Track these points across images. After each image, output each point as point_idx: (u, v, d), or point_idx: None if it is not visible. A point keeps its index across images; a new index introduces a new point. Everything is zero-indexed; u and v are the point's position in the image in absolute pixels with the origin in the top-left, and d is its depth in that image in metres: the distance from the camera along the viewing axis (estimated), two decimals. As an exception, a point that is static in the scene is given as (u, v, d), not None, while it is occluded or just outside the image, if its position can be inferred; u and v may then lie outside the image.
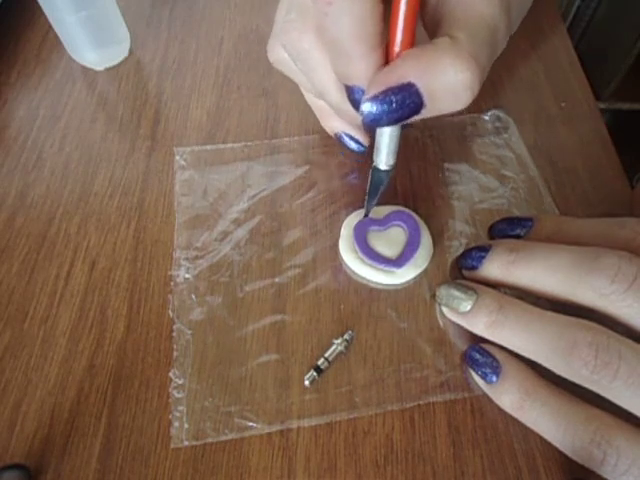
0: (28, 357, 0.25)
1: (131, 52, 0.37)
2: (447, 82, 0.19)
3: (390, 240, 0.27)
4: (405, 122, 0.21)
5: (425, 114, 0.20)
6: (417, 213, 0.28)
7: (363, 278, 0.27)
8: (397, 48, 0.21)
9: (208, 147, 0.32)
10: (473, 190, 0.30)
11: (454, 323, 0.25)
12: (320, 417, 0.23)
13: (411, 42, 0.20)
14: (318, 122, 0.33)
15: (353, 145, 0.28)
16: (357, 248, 0.27)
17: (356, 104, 0.22)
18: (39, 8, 0.34)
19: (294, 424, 0.23)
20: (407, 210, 0.28)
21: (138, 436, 0.23)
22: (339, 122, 0.28)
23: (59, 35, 0.35)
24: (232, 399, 0.24)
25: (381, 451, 0.23)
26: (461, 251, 0.27)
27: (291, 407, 0.23)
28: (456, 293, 0.24)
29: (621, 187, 0.30)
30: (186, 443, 0.23)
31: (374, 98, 0.20)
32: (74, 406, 0.24)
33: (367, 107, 0.20)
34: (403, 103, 0.20)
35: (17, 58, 0.37)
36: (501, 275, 0.24)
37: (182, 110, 0.34)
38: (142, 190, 0.31)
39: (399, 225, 0.28)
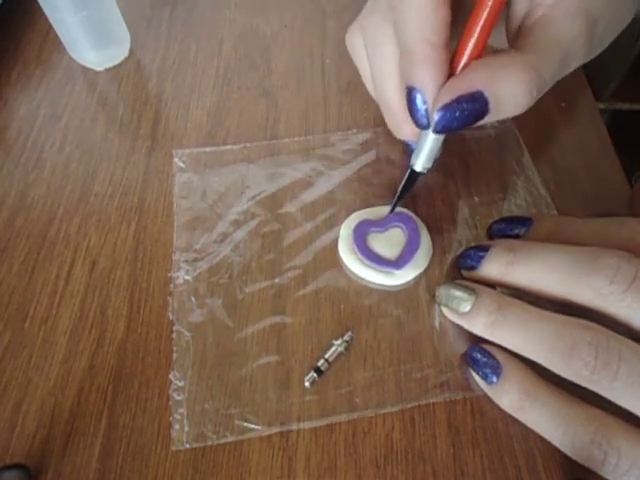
0: (28, 357, 0.25)
1: (131, 52, 0.37)
2: (511, 91, 0.21)
3: (390, 241, 0.27)
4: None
5: (487, 119, 0.21)
6: (416, 214, 0.28)
7: (363, 279, 0.27)
8: (465, 57, 0.21)
9: (207, 149, 0.32)
10: (472, 190, 0.30)
11: (454, 323, 0.25)
12: (320, 419, 0.23)
13: (481, 52, 0.21)
14: (318, 122, 0.33)
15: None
16: (356, 249, 0.27)
17: (412, 107, 0.22)
18: (39, 8, 0.34)
19: (294, 426, 0.23)
20: (406, 211, 0.28)
21: (138, 436, 0.23)
22: (409, 128, 0.26)
23: (59, 35, 0.35)
24: (232, 401, 0.24)
25: (381, 451, 0.23)
26: (460, 251, 0.27)
27: (291, 408, 0.23)
28: (455, 293, 0.24)
29: (620, 187, 0.30)
30: (187, 446, 0.23)
31: (447, 106, 0.21)
32: (74, 406, 0.24)
33: (440, 114, 0.21)
34: (472, 110, 0.21)
35: (17, 58, 0.38)
36: (500, 275, 0.24)
37: (182, 110, 0.34)
38: (142, 190, 0.31)
39: (398, 226, 0.28)
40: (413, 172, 0.26)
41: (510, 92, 0.21)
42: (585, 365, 0.20)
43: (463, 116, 0.21)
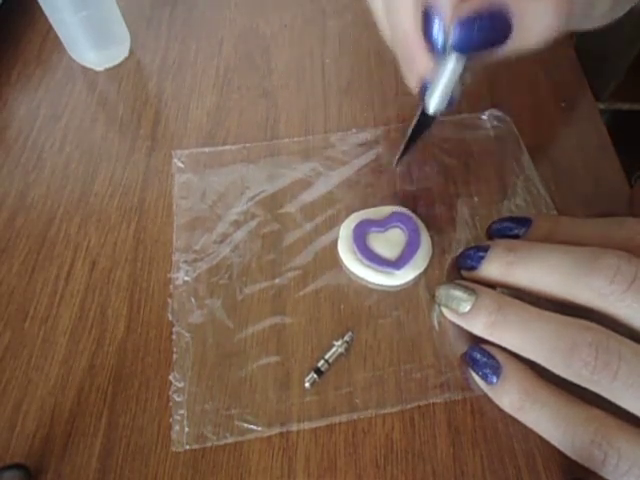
0: (28, 357, 0.25)
1: (131, 52, 0.37)
2: (538, 10, 0.19)
3: (389, 241, 0.27)
4: (486, 52, 0.20)
5: (509, 46, 0.20)
6: (416, 214, 0.28)
7: (362, 279, 0.27)
8: None
9: (206, 149, 0.32)
10: (472, 190, 0.30)
11: (454, 323, 0.25)
12: (320, 419, 0.23)
13: None
14: (318, 122, 0.33)
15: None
16: (356, 249, 0.27)
17: (428, 28, 0.20)
18: (39, 9, 0.34)
19: (294, 427, 0.23)
20: (406, 211, 0.28)
21: (138, 436, 0.23)
22: (425, 61, 0.23)
23: (59, 35, 0.35)
24: (232, 402, 0.24)
25: (381, 451, 0.23)
26: (460, 252, 0.27)
27: (291, 409, 0.23)
28: (455, 294, 0.24)
29: (620, 187, 0.30)
30: (187, 447, 0.23)
31: (465, 21, 0.19)
32: (74, 406, 0.24)
33: (456, 29, 0.19)
34: (493, 28, 0.19)
35: (17, 59, 0.38)
36: (500, 275, 0.24)
37: (182, 110, 0.34)
38: (142, 190, 0.31)
39: (398, 226, 0.28)
40: (425, 116, 0.24)
41: (538, 14, 0.19)
42: (585, 365, 0.20)
43: (482, 34, 0.19)
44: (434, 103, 0.23)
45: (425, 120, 0.24)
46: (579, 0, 0.20)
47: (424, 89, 0.24)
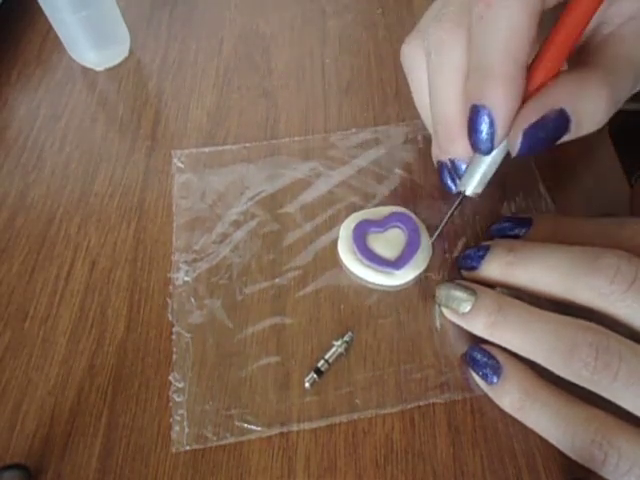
0: (28, 357, 0.25)
1: (131, 52, 0.37)
2: (592, 108, 0.20)
3: (389, 241, 0.27)
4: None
5: (564, 139, 0.21)
6: (416, 214, 0.28)
7: (362, 279, 0.27)
8: (543, 74, 0.20)
9: (206, 149, 0.32)
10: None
11: (454, 324, 0.25)
12: (320, 419, 0.23)
13: (559, 70, 0.20)
14: (318, 122, 0.33)
15: (450, 183, 0.26)
16: (356, 250, 0.27)
17: (476, 127, 0.21)
18: (39, 8, 0.34)
19: (294, 427, 0.23)
20: (406, 211, 0.28)
21: (138, 436, 0.23)
22: (463, 146, 0.23)
23: (59, 35, 0.35)
24: (232, 402, 0.24)
25: (381, 451, 0.23)
26: (460, 251, 0.27)
27: (291, 409, 0.23)
28: (455, 294, 0.24)
29: (621, 187, 0.30)
30: (187, 447, 0.23)
31: (532, 126, 0.20)
32: (74, 406, 0.24)
33: (525, 136, 0.20)
34: (555, 129, 0.20)
35: (17, 58, 0.38)
36: (500, 275, 0.24)
37: (182, 110, 0.34)
38: (142, 190, 0.31)
39: (398, 226, 0.28)
40: (462, 195, 0.24)
41: (591, 109, 0.20)
42: (585, 366, 0.20)
43: (547, 136, 0.20)
44: (472, 186, 0.23)
45: (462, 199, 0.25)
46: (626, 88, 0.21)
47: (456, 165, 0.25)
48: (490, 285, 0.24)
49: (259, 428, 0.23)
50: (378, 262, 0.26)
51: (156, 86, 0.36)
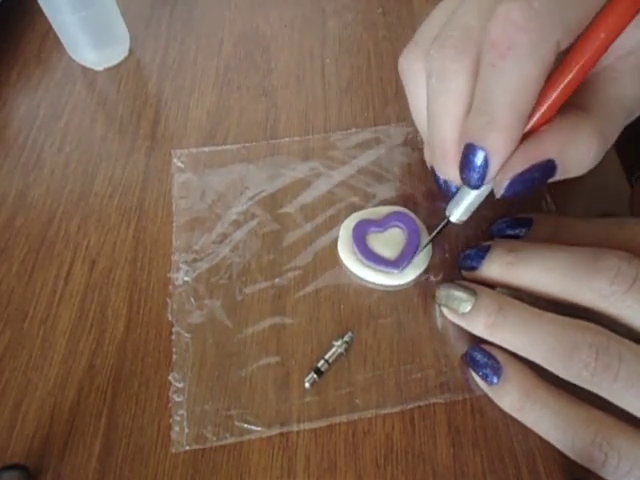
0: (28, 357, 0.25)
1: (131, 52, 0.37)
2: (580, 157, 0.20)
3: (389, 241, 0.27)
4: None
5: (548, 181, 0.21)
6: (416, 214, 0.28)
7: (362, 279, 0.27)
8: (540, 119, 0.20)
9: (206, 149, 0.32)
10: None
11: (454, 324, 0.25)
12: (320, 419, 0.23)
13: (555, 114, 0.20)
14: (318, 122, 0.33)
15: (443, 183, 0.26)
16: (356, 249, 0.27)
17: (469, 165, 0.21)
18: (39, 8, 0.34)
19: (294, 427, 0.23)
20: (406, 211, 0.28)
21: (138, 436, 0.23)
22: (455, 172, 0.23)
23: (59, 35, 0.35)
24: (232, 402, 0.24)
25: (381, 451, 0.23)
26: (461, 251, 0.26)
27: (291, 409, 0.23)
28: (455, 294, 0.24)
29: (621, 187, 0.30)
30: (187, 447, 0.22)
31: (519, 175, 0.20)
32: (74, 406, 0.24)
33: (510, 183, 0.20)
34: (541, 177, 0.20)
35: (17, 58, 0.37)
36: (500, 276, 0.24)
37: (182, 110, 0.34)
38: (142, 190, 0.31)
39: (398, 226, 0.28)
40: (447, 221, 0.25)
41: (578, 158, 0.20)
42: (585, 367, 0.20)
43: (532, 184, 0.20)
44: (457, 214, 0.24)
45: (447, 224, 0.25)
46: (615, 132, 0.21)
47: (448, 185, 0.25)
48: (490, 285, 0.24)
49: (259, 428, 0.23)
50: (378, 262, 0.26)
51: (156, 86, 0.36)
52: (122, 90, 0.35)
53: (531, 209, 0.29)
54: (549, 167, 0.20)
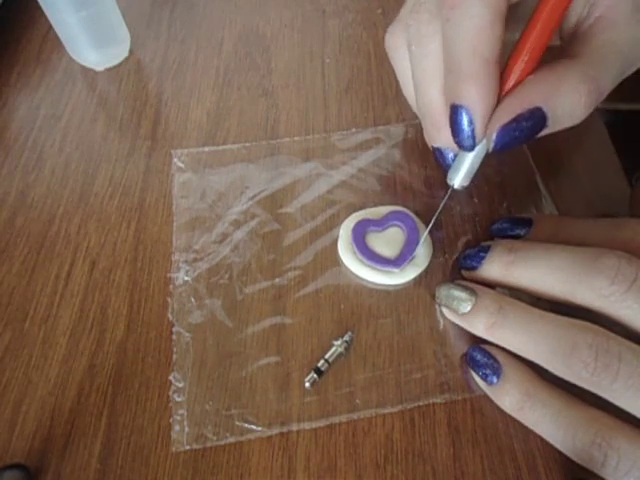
0: (28, 357, 0.25)
1: (131, 52, 0.37)
2: (570, 105, 0.20)
3: (389, 240, 0.27)
4: None
5: (544, 133, 0.21)
6: (416, 213, 0.28)
7: (362, 279, 0.27)
8: (518, 73, 0.20)
9: (206, 149, 0.32)
10: (472, 190, 0.30)
11: (454, 324, 0.25)
12: (320, 419, 0.23)
13: (535, 67, 0.21)
14: (318, 122, 0.33)
15: (450, 160, 0.26)
16: (355, 249, 0.27)
17: (456, 127, 0.21)
18: (39, 8, 0.34)
19: (294, 427, 0.23)
20: (405, 210, 0.28)
21: (138, 436, 0.23)
22: (447, 136, 0.24)
23: (59, 35, 0.35)
24: (232, 402, 0.24)
25: (381, 451, 0.23)
26: (461, 251, 0.26)
27: (291, 409, 0.23)
28: (455, 294, 0.24)
29: (621, 187, 0.30)
30: (187, 447, 0.23)
31: (506, 125, 0.20)
32: (74, 406, 0.24)
33: (499, 134, 0.20)
34: (531, 127, 0.20)
35: (17, 58, 0.37)
36: (500, 275, 0.24)
37: (182, 110, 0.34)
38: (142, 190, 0.31)
39: (397, 225, 0.28)
40: (451, 189, 0.25)
41: (569, 106, 0.20)
42: (585, 367, 0.20)
43: (523, 134, 0.20)
44: (459, 180, 0.24)
45: (451, 192, 0.25)
46: (610, 79, 0.21)
47: (444, 154, 0.26)
48: (490, 285, 0.24)
49: (259, 428, 0.23)
50: (378, 261, 0.26)
51: (156, 86, 0.36)
52: (122, 90, 0.35)
53: (531, 209, 0.29)
54: (538, 116, 0.20)
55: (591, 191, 0.30)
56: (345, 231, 0.28)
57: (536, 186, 0.30)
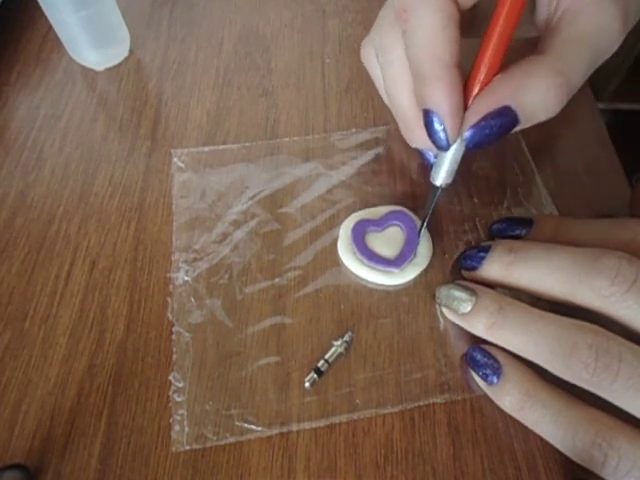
0: (28, 357, 0.25)
1: (131, 52, 0.37)
2: (540, 101, 0.21)
3: (388, 240, 0.27)
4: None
5: (518, 129, 0.21)
6: (416, 213, 0.28)
7: (362, 279, 0.27)
8: (484, 73, 0.21)
9: (206, 148, 0.32)
10: (472, 190, 0.30)
11: (454, 324, 0.25)
12: (320, 419, 0.23)
13: (500, 66, 0.21)
14: (318, 122, 0.33)
15: (431, 158, 0.28)
16: (355, 249, 0.27)
17: (430, 129, 0.22)
18: (39, 8, 0.34)
19: (294, 427, 0.23)
20: (404, 209, 0.28)
21: (138, 436, 0.23)
22: (422, 137, 0.25)
23: (59, 35, 0.35)
24: (232, 402, 0.24)
25: (381, 451, 0.23)
26: (461, 251, 0.26)
27: (291, 409, 0.23)
28: (456, 294, 0.24)
29: (621, 187, 0.30)
30: (187, 447, 0.23)
31: (476, 125, 0.21)
32: (74, 406, 0.24)
33: (470, 134, 0.21)
34: (502, 125, 0.21)
35: (17, 58, 0.37)
36: (501, 275, 0.24)
37: (182, 110, 0.34)
38: (142, 190, 0.31)
39: (397, 225, 0.28)
40: (434, 187, 0.25)
41: (539, 101, 0.21)
42: (585, 367, 0.20)
43: (493, 132, 0.21)
44: (441, 178, 0.25)
45: (435, 190, 0.25)
46: (580, 71, 0.21)
47: (425, 154, 0.28)
48: (490, 285, 0.24)
49: (259, 428, 0.23)
50: (377, 261, 0.26)
51: (156, 86, 0.36)
52: (122, 90, 0.35)
53: (531, 210, 0.29)
54: (507, 114, 0.21)
55: (591, 191, 0.30)
56: (345, 231, 0.28)
57: (536, 186, 0.30)
